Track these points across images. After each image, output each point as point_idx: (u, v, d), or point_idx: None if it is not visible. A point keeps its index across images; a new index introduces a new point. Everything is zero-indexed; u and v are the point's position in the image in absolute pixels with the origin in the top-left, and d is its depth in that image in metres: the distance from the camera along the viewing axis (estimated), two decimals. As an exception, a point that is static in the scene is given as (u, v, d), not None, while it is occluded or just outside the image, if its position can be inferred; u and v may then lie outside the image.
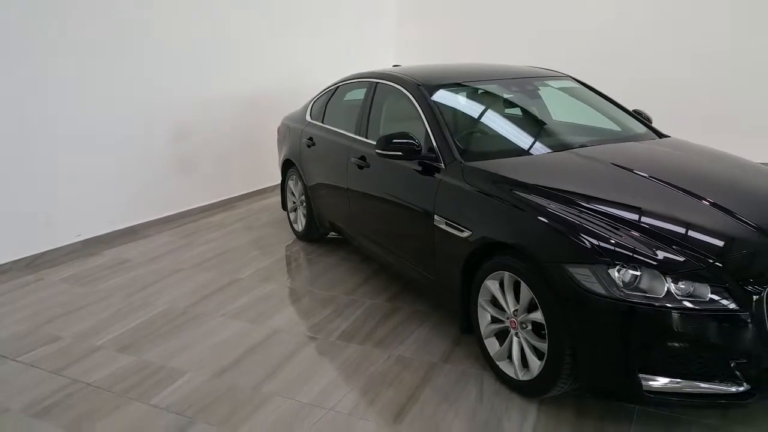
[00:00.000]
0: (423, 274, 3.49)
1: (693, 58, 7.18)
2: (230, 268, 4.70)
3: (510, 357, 2.85)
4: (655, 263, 2.34)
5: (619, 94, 4.41)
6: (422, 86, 3.75)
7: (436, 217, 3.21)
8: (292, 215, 5.47)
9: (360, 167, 4.01)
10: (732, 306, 2.26)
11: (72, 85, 5.05)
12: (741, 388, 2.31)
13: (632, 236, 2.46)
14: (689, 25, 7.22)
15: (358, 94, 4.48)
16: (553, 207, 2.67)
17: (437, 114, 3.53)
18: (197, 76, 6.24)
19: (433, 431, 2.58)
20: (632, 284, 2.32)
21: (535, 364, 2.67)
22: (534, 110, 4.04)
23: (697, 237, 2.50)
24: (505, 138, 3.67)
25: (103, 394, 2.95)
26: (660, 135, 3.87)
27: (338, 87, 4.87)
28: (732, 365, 2.29)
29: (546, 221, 2.62)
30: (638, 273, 2.33)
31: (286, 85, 7.19)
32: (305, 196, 5.02)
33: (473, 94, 4.00)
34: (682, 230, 2.54)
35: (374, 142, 3.69)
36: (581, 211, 2.62)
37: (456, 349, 3.27)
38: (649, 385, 2.34)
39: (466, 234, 2.98)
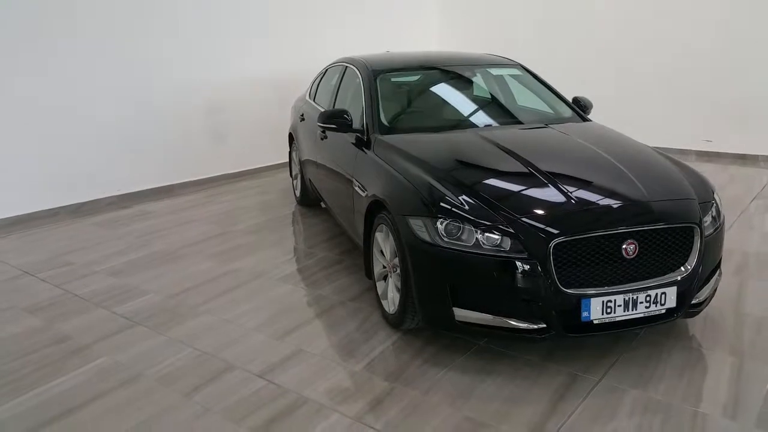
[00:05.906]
0: (352, 231, 4.11)
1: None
2: (230, 222, 5.53)
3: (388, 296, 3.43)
4: (469, 218, 2.85)
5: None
6: (371, 70, 4.35)
7: (354, 180, 3.83)
8: (294, 182, 6.22)
9: (322, 139, 4.68)
10: (526, 256, 2.73)
11: (120, 63, 6.08)
12: (538, 326, 2.79)
13: (459, 197, 2.96)
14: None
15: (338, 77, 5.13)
16: (413, 172, 3.22)
17: (374, 94, 4.12)
18: (236, 56, 7.17)
19: (306, 345, 3.23)
20: (453, 235, 2.85)
21: (397, 300, 3.25)
22: (467, 93, 4.50)
23: (513, 200, 2.97)
24: (422, 116, 4.22)
25: (82, 302, 3.85)
26: (584, 119, 4.24)
27: (327, 70, 5.54)
28: (530, 305, 2.78)
29: (403, 182, 3.19)
30: (458, 225, 2.85)
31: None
32: (299, 165, 5.75)
33: (415, 79, 4.54)
34: (503, 194, 3.01)
35: None
36: (433, 176, 3.15)
37: (366, 293, 3.87)
38: (461, 317, 2.87)
39: (365, 193, 3.58)
